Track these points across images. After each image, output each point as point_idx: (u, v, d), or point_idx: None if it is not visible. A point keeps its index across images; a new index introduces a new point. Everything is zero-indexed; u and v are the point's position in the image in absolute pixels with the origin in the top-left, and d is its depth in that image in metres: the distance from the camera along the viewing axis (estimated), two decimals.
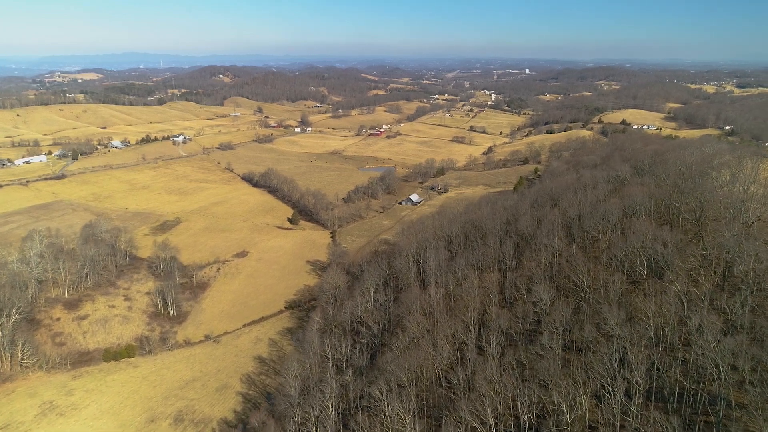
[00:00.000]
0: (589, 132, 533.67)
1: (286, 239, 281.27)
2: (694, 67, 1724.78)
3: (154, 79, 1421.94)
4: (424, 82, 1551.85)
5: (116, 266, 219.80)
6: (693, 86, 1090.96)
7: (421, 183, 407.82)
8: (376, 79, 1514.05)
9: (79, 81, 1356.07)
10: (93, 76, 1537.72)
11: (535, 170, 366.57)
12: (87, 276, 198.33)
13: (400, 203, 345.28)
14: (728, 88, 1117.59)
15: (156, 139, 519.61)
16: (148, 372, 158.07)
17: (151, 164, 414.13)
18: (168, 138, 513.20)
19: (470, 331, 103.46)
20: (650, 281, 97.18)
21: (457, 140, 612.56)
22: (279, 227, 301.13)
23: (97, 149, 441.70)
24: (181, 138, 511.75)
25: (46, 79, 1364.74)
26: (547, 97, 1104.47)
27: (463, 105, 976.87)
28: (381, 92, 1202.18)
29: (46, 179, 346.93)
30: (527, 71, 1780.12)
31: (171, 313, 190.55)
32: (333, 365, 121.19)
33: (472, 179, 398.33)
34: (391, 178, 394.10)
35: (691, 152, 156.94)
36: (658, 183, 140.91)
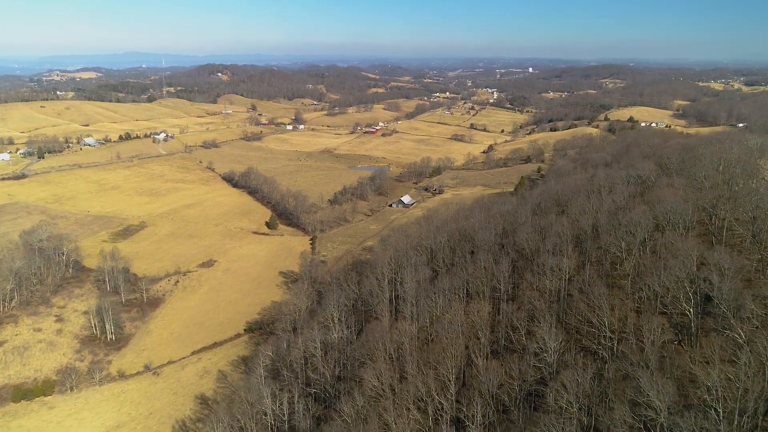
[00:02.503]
0: (595, 129, 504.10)
1: (261, 246, 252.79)
2: (698, 65, 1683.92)
3: (152, 77, 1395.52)
4: (426, 80, 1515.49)
5: (57, 279, 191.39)
6: (700, 84, 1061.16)
7: (416, 183, 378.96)
8: (377, 77, 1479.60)
9: (77, 80, 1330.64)
10: (91, 74, 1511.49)
11: (538, 169, 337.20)
12: (14, 292, 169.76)
13: (390, 205, 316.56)
14: (736, 86, 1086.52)
15: (138, 137, 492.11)
16: (64, 415, 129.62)
17: (126, 163, 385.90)
18: (149, 135, 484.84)
19: (448, 391, 74.49)
20: (702, 327, 68.12)
21: (457, 138, 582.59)
22: (255, 232, 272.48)
23: (69, 147, 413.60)
24: (162, 135, 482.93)
25: (44, 78, 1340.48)
26: (551, 95, 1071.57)
27: (465, 103, 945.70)
28: (381, 90, 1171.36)
29: (3, 179, 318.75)
30: (530, 70, 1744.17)
31: (109, 336, 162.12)
32: (273, 423, 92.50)
33: (470, 179, 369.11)
34: (383, 177, 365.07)
35: (730, 146, 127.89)
36: (695, 185, 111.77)
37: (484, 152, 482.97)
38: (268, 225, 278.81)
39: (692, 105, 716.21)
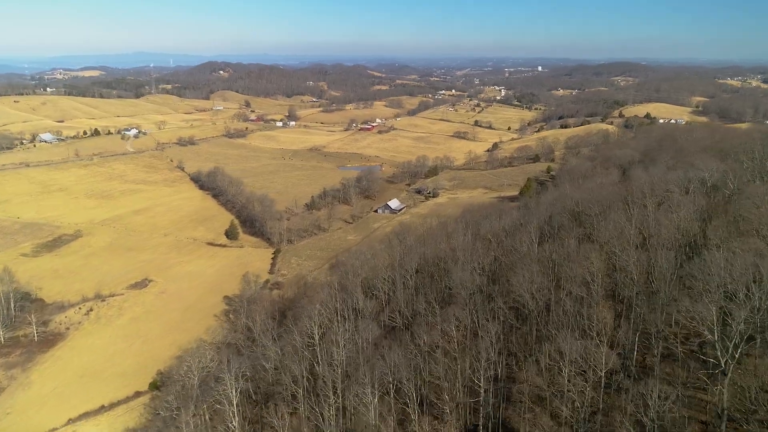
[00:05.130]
0: (610, 126, 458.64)
1: (212, 261, 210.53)
2: (710, 64, 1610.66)
3: (154, 75, 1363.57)
4: (433, 79, 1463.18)
5: None
6: (718, 81, 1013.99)
7: (409, 185, 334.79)
8: (383, 75, 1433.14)
9: (79, 77, 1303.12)
10: (95, 73, 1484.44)
11: (548, 169, 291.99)
12: None
13: (376, 211, 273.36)
14: (754, 83, 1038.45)
15: (111, 133, 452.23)
16: None
17: (84, 162, 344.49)
18: (120, 132, 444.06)
19: None
20: None
21: (459, 136, 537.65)
22: (210, 243, 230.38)
23: (22, 143, 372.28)
24: (133, 132, 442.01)
25: (46, 76, 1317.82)
26: (561, 92, 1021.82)
27: (470, 100, 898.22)
28: (384, 88, 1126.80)
29: None
30: (539, 69, 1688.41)
31: None
32: None
33: (470, 180, 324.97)
34: (371, 178, 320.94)
35: None
36: None
37: (488, 151, 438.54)
38: (228, 234, 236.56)
39: (713, 101, 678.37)
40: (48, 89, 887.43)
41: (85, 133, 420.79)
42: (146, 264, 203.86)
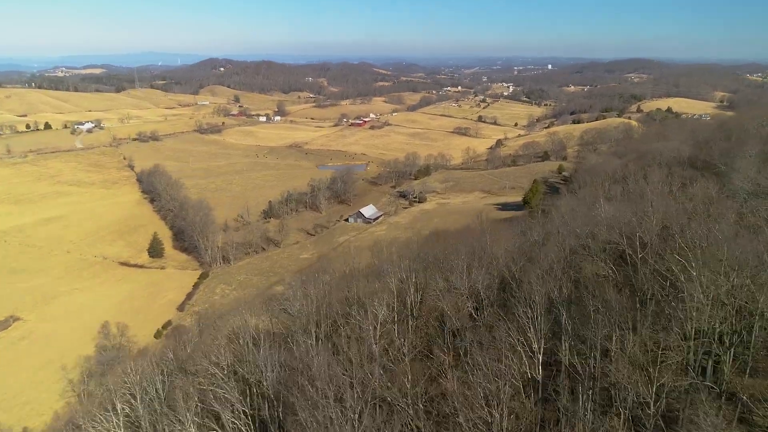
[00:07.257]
0: (630, 120, 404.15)
1: (116, 289, 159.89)
2: (726, 61, 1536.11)
3: (155, 72, 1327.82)
4: (440, 76, 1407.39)
5: None
6: (739, 76, 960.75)
7: (394, 187, 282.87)
8: (387, 72, 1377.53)
9: (80, 75, 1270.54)
10: (97, 71, 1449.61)
11: (559, 169, 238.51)
12: None
13: (346, 220, 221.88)
14: None
15: (66, 127, 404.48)
16: None
17: (15, 159, 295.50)
18: (74, 127, 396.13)
19: None
20: None
21: (460, 132, 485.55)
22: (124, 263, 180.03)
23: None
24: (86, 126, 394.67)
25: (48, 74, 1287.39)
26: (572, 88, 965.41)
27: (476, 96, 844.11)
28: (387, 84, 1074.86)
29: None
30: (549, 67, 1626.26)
31: None
32: None
33: (466, 182, 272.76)
34: (348, 179, 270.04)
35: None
36: None
37: (489, 148, 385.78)
38: (150, 251, 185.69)
39: (739, 95, 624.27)
40: (30, 85, 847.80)
41: (28, 126, 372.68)
42: (26, 293, 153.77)
